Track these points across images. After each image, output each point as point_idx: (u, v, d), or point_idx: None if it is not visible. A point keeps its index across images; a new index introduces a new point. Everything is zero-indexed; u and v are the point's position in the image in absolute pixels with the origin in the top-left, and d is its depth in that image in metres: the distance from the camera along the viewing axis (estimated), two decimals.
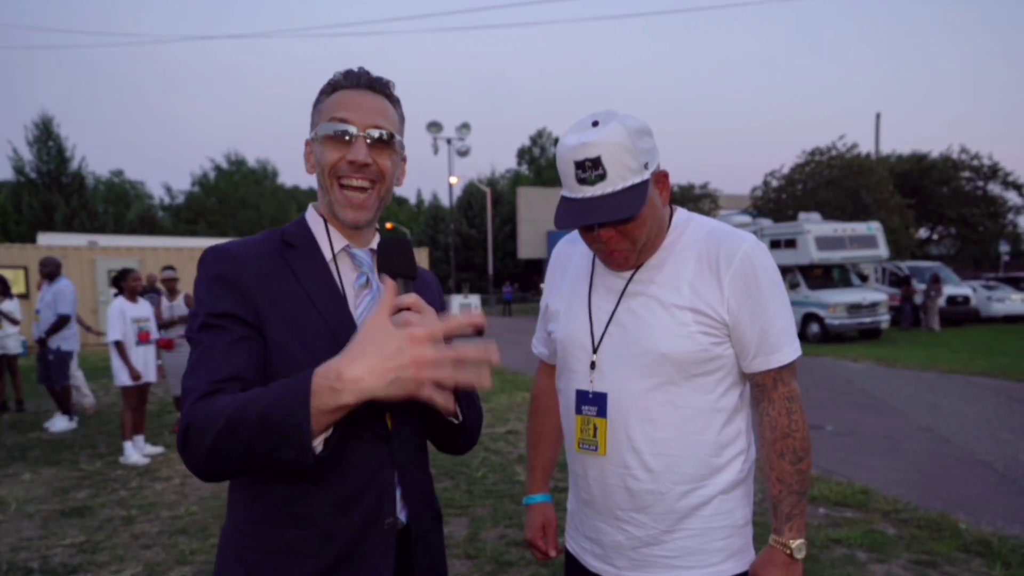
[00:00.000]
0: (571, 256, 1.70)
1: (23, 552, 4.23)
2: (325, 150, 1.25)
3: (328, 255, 1.29)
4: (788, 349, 1.48)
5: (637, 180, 1.39)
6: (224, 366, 1.14)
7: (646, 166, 1.41)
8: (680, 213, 1.58)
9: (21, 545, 4.35)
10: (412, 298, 1.13)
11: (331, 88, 1.29)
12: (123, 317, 6.54)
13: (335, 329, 1.22)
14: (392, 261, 1.22)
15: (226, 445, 1.04)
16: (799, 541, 1.46)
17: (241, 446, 1.03)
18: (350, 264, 1.31)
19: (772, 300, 1.47)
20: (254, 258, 1.23)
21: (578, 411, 1.56)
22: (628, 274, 1.53)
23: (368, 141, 1.25)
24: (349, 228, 1.30)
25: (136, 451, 6.49)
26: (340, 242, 1.30)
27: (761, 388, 1.51)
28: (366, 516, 1.21)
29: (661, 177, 1.48)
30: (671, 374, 1.46)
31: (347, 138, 1.24)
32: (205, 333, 1.18)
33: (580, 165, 1.39)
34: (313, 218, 1.33)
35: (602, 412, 1.51)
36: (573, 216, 1.42)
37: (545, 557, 1.78)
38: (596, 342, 1.53)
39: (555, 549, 1.77)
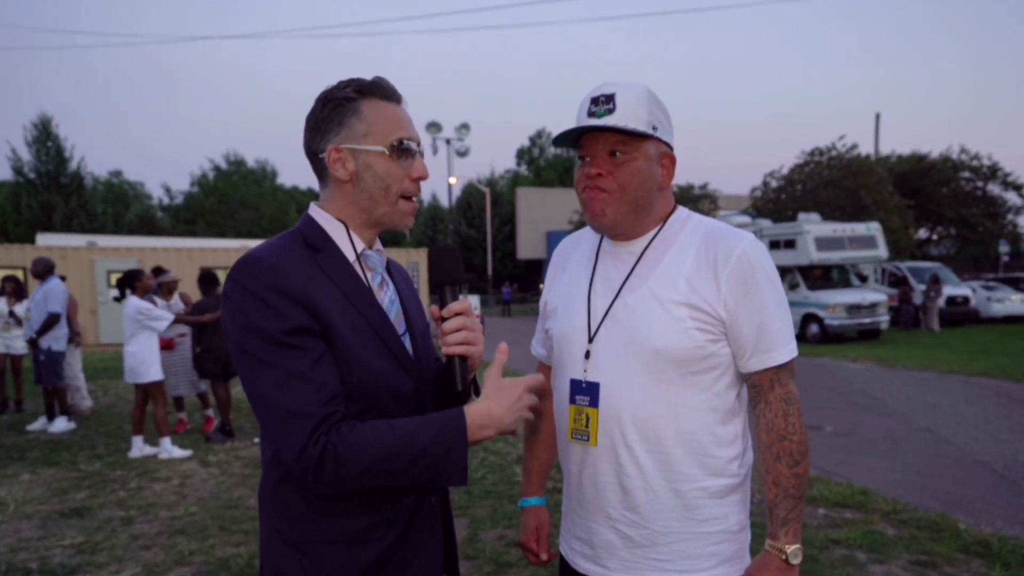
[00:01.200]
0: (572, 254, 1.70)
1: (22, 553, 4.23)
2: (392, 166, 1.31)
3: (351, 257, 1.33)
4: (785, 348, 1.47)
5: (641, 128, 1.45)
6: (324, 386, 1.18)
7: (654, 128, 1.47)
8: (680, 210, 1.59)
9: (20, 546, 4.34)
10: (464, 304, 1.34)
11: (358, 94, 1.31)
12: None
13: (376, 327, 1.29)
14: (444, 268, 1.36)
15: (379, 477, 1.18)
16: (795, 546, 1.44)
17: (395, 476, 1.19)
18: (365, 265, 1.37)
19: (769, 299, 1.46)
20: (294, 264, 1.24)
21: (572, 401, 1.55)
22: (627, 270, 1.53)
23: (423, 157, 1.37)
24: (399, 232, 1.40)
25: (139, 449, 6.58)
26: (359, 245, 1.35)
27: (758, 389, 1.49)
28: (416, 497, 1.31)
29: (667, 157, 1.52)
30: (666, 370, 1.45)
31: (413, 156, 1.34)
32: (282, 352, 1.17)
33: (595, 100, 1.48)
34: (328, 221, 1.34)
35: (594, 402, 1.51)
36: (571, 130, 1.49)
37: (538, 561, 1.77)
38: (592, 333, 1.53)
39: (547, 552, 1.76)
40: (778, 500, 1.46)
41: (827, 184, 25.21)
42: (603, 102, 1.46)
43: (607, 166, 1.48)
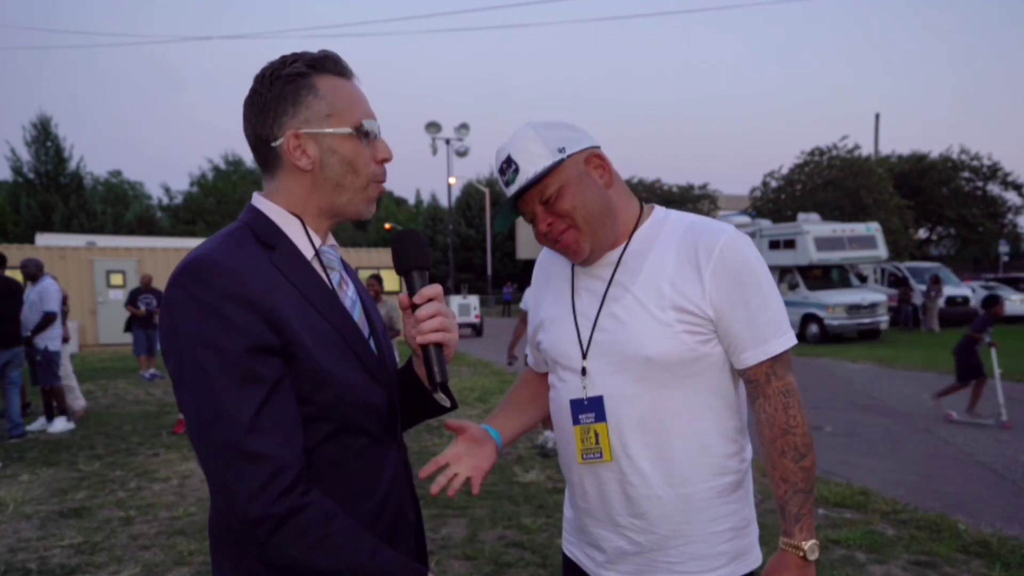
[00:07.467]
0: (555, 262, 1.67)
1: (21, 553, 4.22)
2: (357, 147, 1.18)
3: (309, 254, 1.19)
4: (779, 339, 1.42)
5: (548, 163, 1.44)
6: (282, 422, 1.05)
7: (561, 150, 1.45)
8: (658, 210, 1.56)
9: (19, 546, 4.34)
10: (436, 289, 1.25)
11: (310, 69, 1.17)
12: None
13: (343, 333, 1.17)
14: (410, 253, 1.27)
15: (319, 572, 1.05)
16: (811, 542, 1.40)
17: None
18: (321, 263, 1.23)
19: (757, 290, 1.42)
20: (250, 267, 1.09)
21: (575, 422, 1.51)
22: (608, 275, 1.50)
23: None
24: (359, 221, 1.28)
25: None
26: (317, 241, 1.21)
27: (755, 384, 1.45)
28: (393, 514, 1.23)
29: (593, 158, 1.49)
30: (659, 377, 1.42)
31: (376, 136, 1.22)
32: (238, 376, 1.03)
33: (501, 171, 1.49)
34: (280, 215, 1.19)
35: (600, 417, 1.48)
36: (503, 210, 1.54)
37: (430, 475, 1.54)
38: (584, 349, 1.51)
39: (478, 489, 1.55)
40: (788, 496, 1.42)
41: (827, 184, 25.23)
42: (506, 169, 1.47)
43: (548, 216, 1.47)
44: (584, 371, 1.50)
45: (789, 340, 1.44)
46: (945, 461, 6.19)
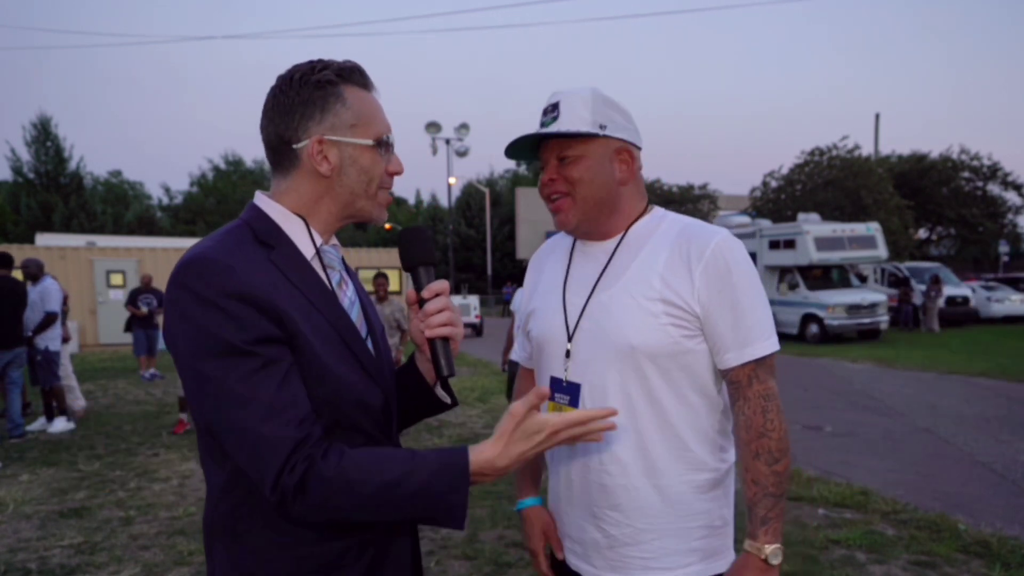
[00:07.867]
0: (548, 257, 1.72)
1: (21, 553, 4.22)
2: (376, 158, 1.22)
3: (309, 254, 1.20)
4: (763, 343, 1.44)
5: (585, 129, 1.46)
6: (296, 405, 1.06)
7: (602, 127, 1.48)
8: (657, 209, 1.59)
9: (19, 546, 4.34)
10: (443, 284, 1.27)
11: (339, 78, 1.19)
12: None
13: (341, 332, 1.18)
14: (417, 250, 1.29)
15: (369, 511, 1.07)
16: (774, 546, 1.41)
17: (386, 512, 1.08)
18: (322, 262, 1.24)
19: (745, 292, 1.44)
20: (248, 265, 1.10)
21: (551, 397, 1.55)
22: (600, 265, 1.54)
23: None
24: (373, 225, 1.30)
25: None
26: (318, 240, 1.23)
27: (736, 386, 1.47)
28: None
29: (624, 152, 1.52)
30: (643, 366, 1.44)
31: (391, 150, 1.26)
32: (246, 366, 1.04)
33: (544, 111, 1.52)
34: (282, 215, 1.20)
35: (574, 402, 1.51)
36: (521, 140, 1.54)
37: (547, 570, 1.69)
38: (570, 333, 1.54)
39: (562, 552, 1.68)
40: (757, 499, 1.43)
41: (827, 184, 25.24)
42: (549, 111, 1.50)
43: (556, 172, 1.51)
44: (568, 354, 1.54)
45: (772, 345, 1.46)
46: (945, 461, 6.19)
